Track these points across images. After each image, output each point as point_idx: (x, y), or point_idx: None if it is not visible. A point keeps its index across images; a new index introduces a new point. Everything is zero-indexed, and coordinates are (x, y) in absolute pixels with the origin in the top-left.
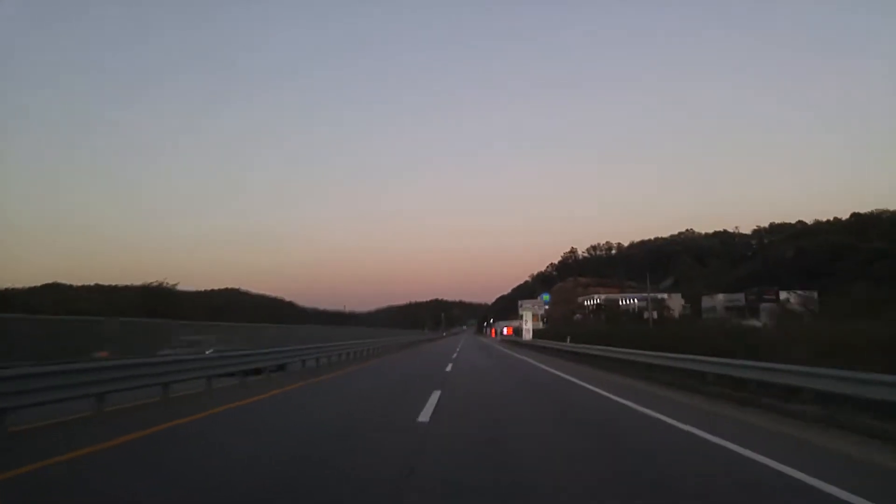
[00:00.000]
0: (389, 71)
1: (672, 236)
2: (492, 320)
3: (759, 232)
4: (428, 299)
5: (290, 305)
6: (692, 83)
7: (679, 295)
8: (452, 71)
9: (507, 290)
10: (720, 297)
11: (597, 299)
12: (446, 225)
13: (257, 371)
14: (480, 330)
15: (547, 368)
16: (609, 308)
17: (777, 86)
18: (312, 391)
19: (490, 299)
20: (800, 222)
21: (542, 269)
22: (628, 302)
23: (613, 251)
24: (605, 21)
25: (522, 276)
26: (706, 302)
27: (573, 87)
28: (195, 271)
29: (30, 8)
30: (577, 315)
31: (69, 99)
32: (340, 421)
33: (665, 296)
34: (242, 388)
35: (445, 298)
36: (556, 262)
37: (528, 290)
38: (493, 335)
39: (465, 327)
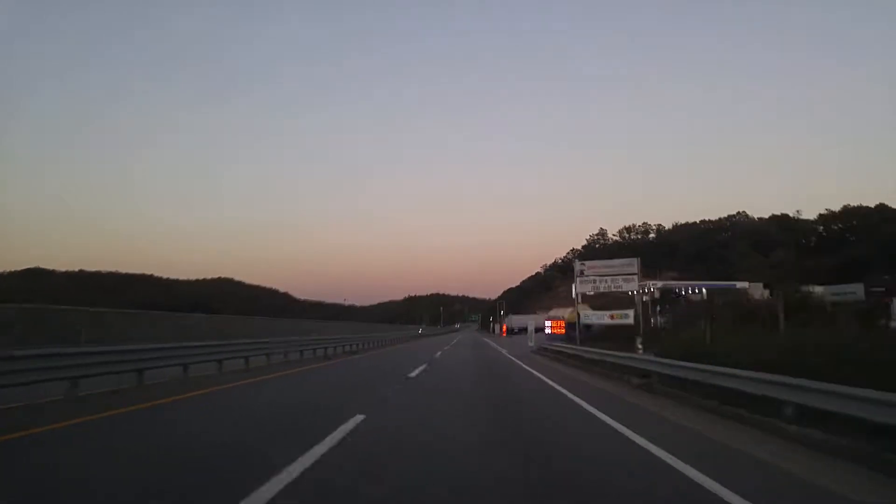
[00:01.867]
0: (391, 66)
1: (721, 219)
2: (501, 313)
3: (826, 217)
4: (428, 293)
5: (286, 296)
6: (737, 61)
7: (761, 285)
8: (457, 63)
9: (515, 283)
10: (818, 289)
11: (651, 288)
12: (449, 221)
13: None
14: (487, 327)
15: None
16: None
17: (824, 67)
18: None
19: (494, 295)
20: (881, 205)
21: (563, 255)
22: (692, 291)
23: (651, 234)
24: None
25: (533, 269)
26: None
27: (611, 72)
28: (187, 260)
29: (17, 8)
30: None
31: (61, 93)
32: None
33: (746, 285)
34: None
35: (447, 293)
36: (579, 247)
37: (542, 281)
38: (504, 333)
39: (458, 325)
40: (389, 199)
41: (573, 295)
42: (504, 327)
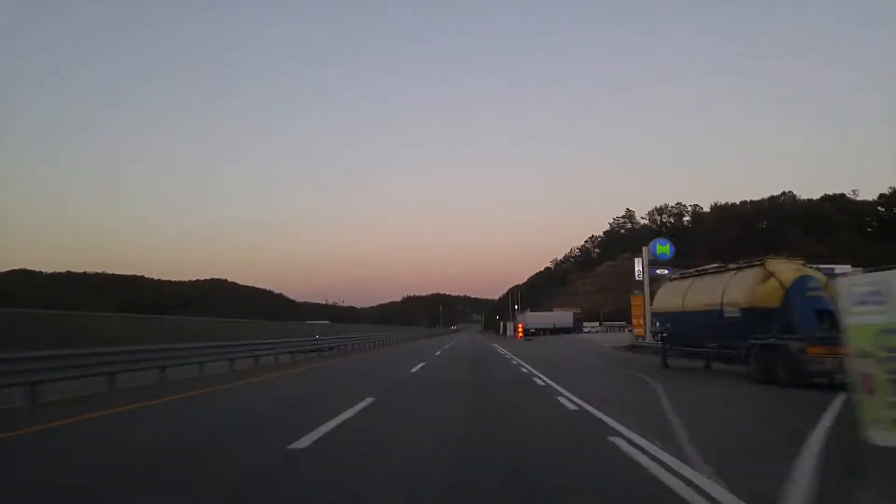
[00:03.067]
0: (390, 66)
1: (764, 200)
2: (516, 307)
3: (890, 198)
4: (427, 293)
5: (280, 297)
6: (781, 30)
7: (861, 271)
8: (458, 61)
9: (522, 280)
10: None
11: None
12: (449, 221)
13: None
14: (494, 327)
15: None
16: None
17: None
18: None
19: (497, 295)
20: None
21: (580, 243)
22: None
23: (686, 217)
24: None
25: (541, 265)
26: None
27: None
28: (181, 262)
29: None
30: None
31: (53, 93)
32: None
33: (848, 268)
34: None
35: (448, 293)
36: (599, 234)
37: (553, 276)
38: (521, 334)
39: (454, 327)
40: (388, 199)
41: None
42: (520, 327)
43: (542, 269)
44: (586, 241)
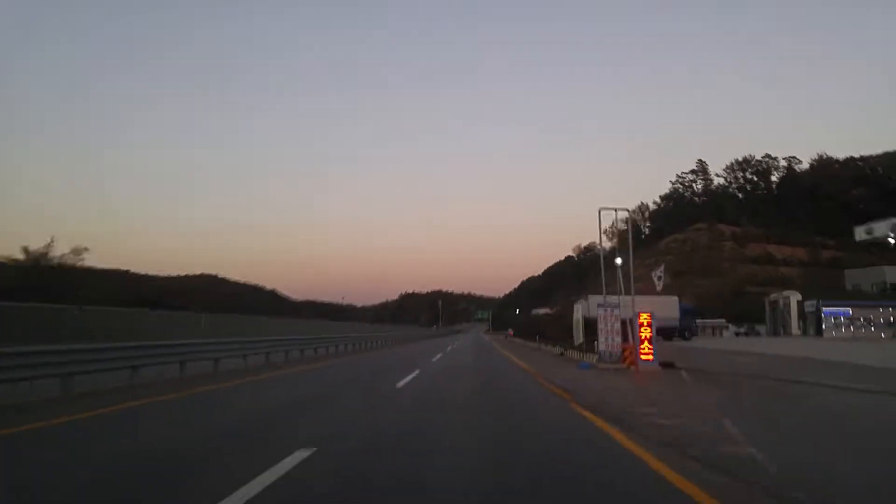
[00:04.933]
0: (388, 58)
1: (876, 157)
2: (618, 261)
3: None
4: (427, 291)
5: (272, 294)
6: None
7: None
8: (462, 49)
9: (538, 272)
10: None
11: None
12: (452, 218)
13: None
14: (535, 327)
15: None
16: None
17: None
18: None
19: (501, 293)
20: None
21: (623, 217)
22: None
23: (774, 176)
24: None
25: (560, 255)
26: None
27: None
28: (177, 258)
29: None
30: None
31: (39, 85)
32: None
33: None
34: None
35: (451, 290)
36: (656, 198)
37: (577, 265)
38: (650, 354)
39: (435, 327)
40: (392, 197)
41: None
42: (644, 325)
43: (562, 258)
44: (634, 210)
